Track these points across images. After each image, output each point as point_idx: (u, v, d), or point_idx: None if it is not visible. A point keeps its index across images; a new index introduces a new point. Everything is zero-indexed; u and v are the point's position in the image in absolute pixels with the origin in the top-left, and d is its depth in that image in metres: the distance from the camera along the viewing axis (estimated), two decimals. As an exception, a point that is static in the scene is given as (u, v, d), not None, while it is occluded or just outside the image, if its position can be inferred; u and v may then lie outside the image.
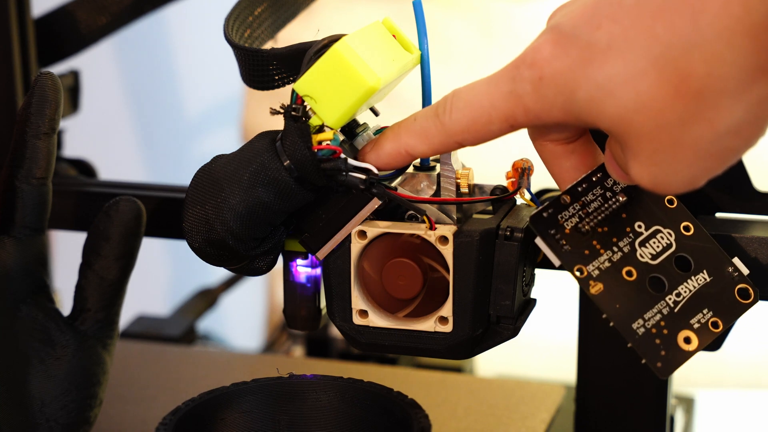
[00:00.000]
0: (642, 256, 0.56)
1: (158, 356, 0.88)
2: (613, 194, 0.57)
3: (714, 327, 0.56)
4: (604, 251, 0.56)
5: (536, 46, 0.51)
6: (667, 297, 0.56)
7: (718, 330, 0.56)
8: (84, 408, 0.64)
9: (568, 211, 0.56)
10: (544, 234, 0.56)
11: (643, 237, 0.56)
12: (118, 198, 0.65)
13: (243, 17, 0.67)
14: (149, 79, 1.88)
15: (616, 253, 0.56)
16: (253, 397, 0.62)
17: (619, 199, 0.57)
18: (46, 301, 0.65)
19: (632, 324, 0.55)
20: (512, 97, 0.52)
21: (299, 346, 1.02)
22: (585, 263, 0.55)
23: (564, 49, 0.50)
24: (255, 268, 0.61)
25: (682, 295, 0.56)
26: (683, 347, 0.55)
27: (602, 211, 0.57)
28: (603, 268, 0.56)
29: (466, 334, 0.59)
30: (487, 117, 0.53)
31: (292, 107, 0.57)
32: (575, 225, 0.56)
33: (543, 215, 0.56)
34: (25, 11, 0.81)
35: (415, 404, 0.59)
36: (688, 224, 0.57)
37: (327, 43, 0.57)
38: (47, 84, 0.63)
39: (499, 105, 0.52)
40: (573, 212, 0.56)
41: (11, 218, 0.64)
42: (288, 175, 0.57)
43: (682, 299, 0.56)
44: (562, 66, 0.50)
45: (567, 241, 0.56)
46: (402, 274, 0.59)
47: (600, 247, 0.56)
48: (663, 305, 0.56)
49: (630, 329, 0.55)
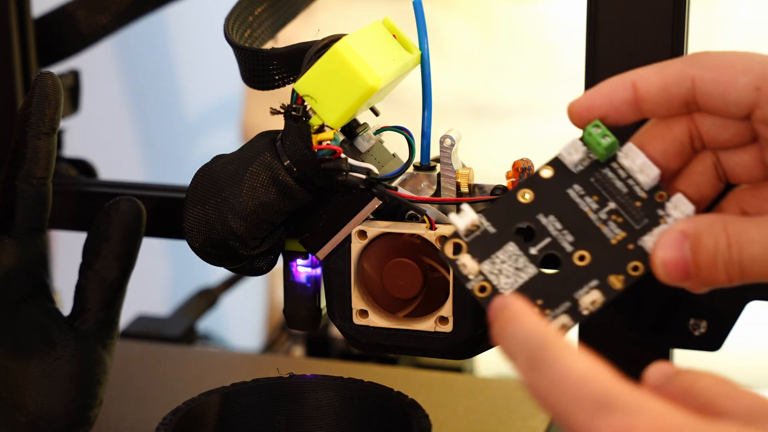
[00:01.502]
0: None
1: (158, 356, 0.88)
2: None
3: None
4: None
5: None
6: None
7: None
8: (84, 408, 0.64)
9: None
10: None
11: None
12: (118, 198, 0.65)
13: (243, 17, 0.67)
14: (149, 79, 1.88)
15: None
16: (253, 397, 0.62)
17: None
18: (46, 301, 0.65)
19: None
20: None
21: (299, 346, 1.02)
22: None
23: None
24: (255, 268, 0.61)
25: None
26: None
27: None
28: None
29: (467, 334, 0.59)
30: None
31: (292, 107, 0.57)
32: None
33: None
34: (25, 11, 0.81)
35: (415, 404, 0.59)
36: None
37: (327, 43, 0.57)
38: (47, 84, 0.63)
39: None
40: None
41: (11, 218, 0.64)
42: (288, 174, 0.57)
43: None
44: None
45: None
46: (402, 274, 0.59)
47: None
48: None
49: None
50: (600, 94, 0.52)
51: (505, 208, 0.54)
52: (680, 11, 0.63)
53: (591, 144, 0.53)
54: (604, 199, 0.53)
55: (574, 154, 0.53)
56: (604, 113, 0.52)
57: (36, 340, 0.63)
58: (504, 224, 0.53)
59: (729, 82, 0.50)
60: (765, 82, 0.49)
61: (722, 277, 0.48)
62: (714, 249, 0.48)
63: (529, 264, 0.53)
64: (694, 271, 0.49)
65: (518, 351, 0.44)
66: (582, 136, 0.53)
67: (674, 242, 0.49)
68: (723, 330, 0.67)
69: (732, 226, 0.48)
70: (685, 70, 0.51)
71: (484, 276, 0.53)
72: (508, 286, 0.53)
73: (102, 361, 0.65)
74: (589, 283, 0.52)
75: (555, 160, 0.54)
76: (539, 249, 0.53)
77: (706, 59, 0.51)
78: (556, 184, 0.54)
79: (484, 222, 0.53)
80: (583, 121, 0.53)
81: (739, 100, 0.50)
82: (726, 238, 0.48)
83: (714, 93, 0.50)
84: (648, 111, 0.52)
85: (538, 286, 0.53)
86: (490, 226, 0.53)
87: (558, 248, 0.53)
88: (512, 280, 0.53)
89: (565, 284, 0.53)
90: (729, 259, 0.48)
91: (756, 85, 0.49)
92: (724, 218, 0.49)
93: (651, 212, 0.53)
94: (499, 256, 0.53)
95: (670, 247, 0.50)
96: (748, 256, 0.48)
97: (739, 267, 0.48)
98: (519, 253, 0.53)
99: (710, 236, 0.48)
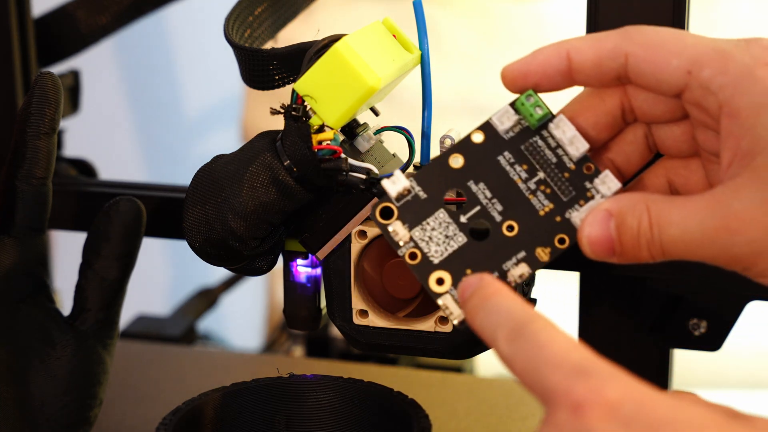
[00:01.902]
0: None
1: (158, 356, 0.88)
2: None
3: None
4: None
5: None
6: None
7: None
8: (84, 408, 0.64)
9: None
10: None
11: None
12: (118, 198, 0.65)
13: (243, 17, 0.67)
14: (149, 79, 1.88)
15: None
16: (253, 397, 0.62)
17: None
18: (46, 301, 0.65)
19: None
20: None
21: (299, 346, 1.02)
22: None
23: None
24: (255, 268, 0.61)
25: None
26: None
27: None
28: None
29: (467, 334, 0.59)
30: None
31: (292, 107, 0.57)
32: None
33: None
34: (25, 11, 0.80)
35: (415, 404, 0.59)
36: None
37: (327, 43, 0.57)
38: (47, 84, 0.63)
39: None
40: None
41: (11, 218, 0.64)
42: (288, 174, 0.57)
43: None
44: None
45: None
46: (402, 274, 0.59)
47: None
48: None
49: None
50: (534, 62, 0.53)
51: (437, 173, 0.54)
52: (680, 11, 0.63)
53: (523, 113, 0.54)
54: (534, 168, 0.54)
55: (506, 121, 0.54)
56: (537, 81, 0.53)
57: (36, 340, 0.63)
58: (435, 190, 0.54)
59: (661, 62, 0.50)
60: (696, 66, 0.50)
61: (645, 255, 0.50)
62: (637, 229, 0.49)
63: (458, 232, 0.53)
64: (618, 249, 0.50)
65: (500, 323, 0.47)
66: (514, 104, 0.54)
67: (600, 221, 0.51)
68: (723, 330, 0.67)
69: (654, 207, 0.49)
70: (620, 45, 0.51)
71: (415, 243, 0.53)
72: (438, 254, 0.53)
73: (102, 361, 0.65)
74: (517, 254, 0.53)
75: (486, 124, 0.54)
76: (469, 217, 0.53)
77: (640, 36, 0.51)
78: (486, 150, 0.54)
79: (415, 187, 0.53)
80: (516, 86, 0.53)
81: (671, 81, 0.50)
82: (648, 219, 0.49)
83: (646, 71, 0.51)
84: (581, 81, 0.53)
85: (467, 255, 0.53)
86: (421, 192, 0.53)
87: (487, 217, 0.53)
88: (442, 248, 0.53)
89: (494, 255, 0.53)
90: (651, 239, 0.49)
91: (687, 68, 0.50)
92: (647, 198, 0.50)
93: (578, 185, 0.53)
94: (429, 223, 0.53)
95: (596, 226, 0.51)
96: (667, 237, 0.49)
97: (660, 247, 0.49)
98: (449, 221, 0.53)
99: (634, 216, 0.50)
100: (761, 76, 0.48)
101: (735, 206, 0.47)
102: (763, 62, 0.49)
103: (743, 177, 0.48)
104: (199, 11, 1.59)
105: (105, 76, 1.76)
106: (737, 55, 0.49)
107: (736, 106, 0.48)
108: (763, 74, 0.48)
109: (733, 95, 0.49)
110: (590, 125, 0.54)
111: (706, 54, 0.50)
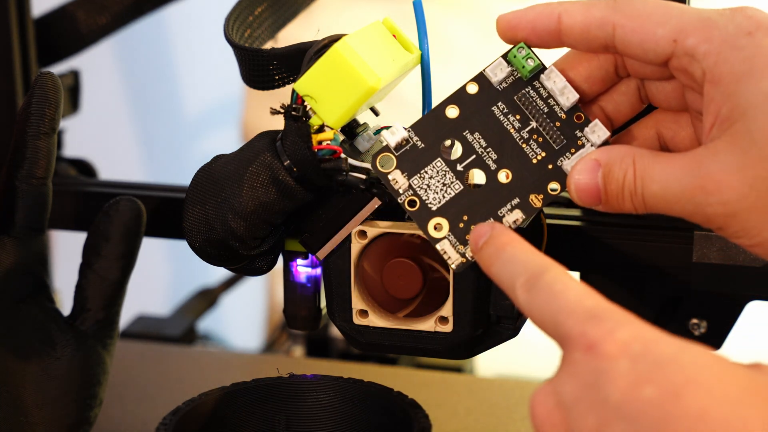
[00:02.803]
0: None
1: (158, 356, 0.88)
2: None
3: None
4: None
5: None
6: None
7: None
8: (84, 408, 0.64)
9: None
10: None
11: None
12: (118, 198, 0.65)
13: (243, 17, 0.67)
14: (149, 79, 1.88)
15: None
16: (253, 397, 0.62)
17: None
18: (46, 301, 0.65)
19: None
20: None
21: (299, 346, 1.02)
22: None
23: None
24: (255, 268, 0.61)
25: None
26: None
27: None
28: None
29: (467, 334, 0.59)
30: None
31: (292, 107, 0.57)
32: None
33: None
34: (25, 11, 0.80)
35: (415, 404, 0.59)
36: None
37: (327, 43, 0.57)
38: (47, 84, 0.63)
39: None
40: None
41: (11, 218, 0.64)
42: (288, 174, 0.57)
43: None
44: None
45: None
46: (402, 274, 0.59)
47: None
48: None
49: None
50: (525, 18, 0.55)
51: (433, 123, 0.56)
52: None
53: (516, 65, 0.55)
54: (526, 118, 0.55)
55: (499, 73, 0.56)
56: (526, 36, 0.55)
57: (36, 340, 0.63)
58: (432, 140, 0.55)
59: (647, 32, 0.52)
60: (681, 35, 0.51)
61: (629, 206, 0.52)
62: (622, 180, 0.52)
63: (455, 180, 0.55)
64: (604, 198, 0.53)
65: (517, 272, 0.50)
66: (507, 56, 0.56)
67: (588, 169, 0.53)
68: (723, 330, 0.67)
69: (640, 161, 0.52)
70: (608, 15, 0.53)
71: (414, 190, 0.55)
72: (436, 202, 0.55)
73: (102, 361, 0.65)
74: (512, 201, 0.55)
75: (480, 76, 0.56)
76: (465, 165, 0.55)
77: (628, 7, 0.53)
78: (481, 100, 0.56)
79: (413, 137, 0.55)
80: (506, 36, 0.55)
81: (657, 50, 0.52)
82: (633, 172, 0.52)
83: (633, 41, 0.52)
84: (569, 44, 0.55)
85: (464, 202, 0.55)
86: (419, 141, 0.55)
87: (483, 165, 0.55)
88: (440, 195, 0.55)
89: (490, 202, 0.55)
90: (634, 192, 0.52)
91: (672, 37, 0.51)
92: (635, 152, 0.52)
93: (569, 134, 0.55)
94: (427, 171, 0.55)
95: (584, 174, 0.53)
96: (648, 191, 0.51)
97: (642, 200, 0.52)
98: (446, 169, 0.55)
99: (620, 168, 0.52)
100: (743, 44, 0.50)
101: (711, 168, 0.49)
102: (746, 31, 0.50)
103: (722, 140, 0.50)
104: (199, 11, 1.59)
105: (105, 76, 1.76)
106: (721, 23, 0.51)
107: (718, 73, 0.50)
108: (745, 43, 0.50)
109: (716, 62, 0.50)
110: (582, 78, 0.56)
111: (691, 23, 0.51)
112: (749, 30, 0.50)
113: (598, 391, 0.44)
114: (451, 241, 0.55)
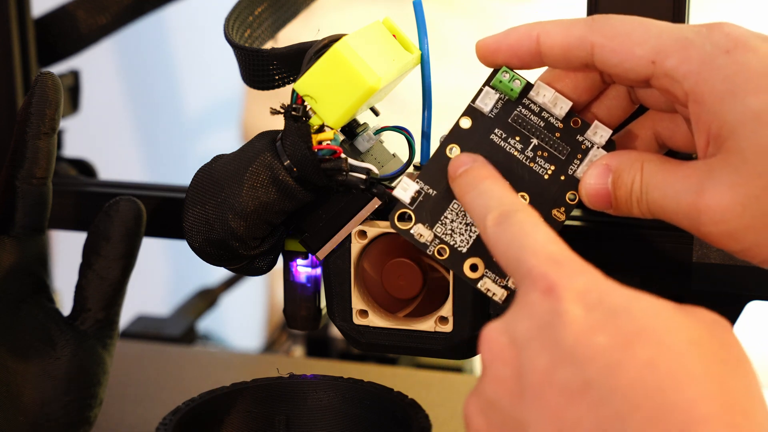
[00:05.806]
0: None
1: (158, 356, 0.88)
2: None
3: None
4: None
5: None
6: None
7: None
8: (84, 408, 0.64)
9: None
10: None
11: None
12: (118, 198, 0.65)
13: (243, 17, 0.67)
14: (149, 79, 1.88)
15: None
16: (253, 397, 0.62)
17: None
18: (46, 301, 0.65)
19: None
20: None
21: (299, 346, 1.02)
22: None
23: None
24: (255, 268, 0.61)
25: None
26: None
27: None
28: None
29: (467, 333, 0.59)
30: None
31: (292, 107, 0.57)
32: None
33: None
34: (25, 11, 0.80)
35: (415, 404, 0.59)
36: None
37: (327, 43, 0.57)
38: (47, 84, 0.63)
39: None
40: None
41: (11, 218, 0.64)
42: (288, 174, 0.57)
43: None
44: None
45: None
46: (402, 274, 0.59)
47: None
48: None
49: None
50: (506, 42, 0.55)
51: (439, 167, 0.56)
52: (680, 12, 0.63)
53: (503, 90, 0.56)
54: (526, 137, 0.56)
55: (488, 101, 0.56)
56: (507, 60, 0.55)
57: (36, 339, 0.63)
58: (443, 184, 0.55)
59: (626, 53, 0.52)
60: (659, 56, 0.51)
61: (636, 212, 0.53)
62: (630, 186, 0.53)
63: None
64: (614, 203, 0.53)
65: (490, 206, 0.51)
66: (492, 83, 0.56)
67: (599, 174, 0.54)
68: (723, 330, 0.67)
69: (647, 167, 0.52)
70: (586, 35, 0.53)
71: (440, 239, 0.55)
72: (464, 243, 0.55)
73: (102, 361, 0.65)
74: None
75: (470, 108, 0.56)
76: None
77: (607, 27, 0.53)
78: (478, 132, 0.56)
79: (423, 186, 0.55)
80: (487, 61, 0.56)
81: (637, 70, 0.52)
82: (640, 179, 0.52)
83: (612, 61, 0.53)
84: (550, 64, 0.55)
85: None
86: (430, 190, 0.55)
87: None
88: (466, 236, 0.55)
89: None
90: (640, 198, 0.52)
91: (651, 58, 0.51)
92: (644, 158, 0.53)
93: (571, 140, 0.55)
94: (447, 216, 0.55)
95: (595, 178, 0.54)
96: (651, 199, 0.52)
97: (647, 207, 0.52)
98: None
99: (629, 174, 0.53)
100: (721, 63, 0.50)
101: (705, 185, 0.50)
102: (723, 49, 0.50)
103: (717, 159, 0.50)
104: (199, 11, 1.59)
105: (105, 76, 1.76)
106: (698, 42, 0.51)
107: (700, 93, 0.50)
108: (723, 62, 0.50)
109: (697, 83, 0.50)
110: (570, 89, 0.56)
111: (668, 44, 0.51)
112: (727, 48, 0.50)
113: (552, 333, 0.45)
114: (491, 278, 0.55)
